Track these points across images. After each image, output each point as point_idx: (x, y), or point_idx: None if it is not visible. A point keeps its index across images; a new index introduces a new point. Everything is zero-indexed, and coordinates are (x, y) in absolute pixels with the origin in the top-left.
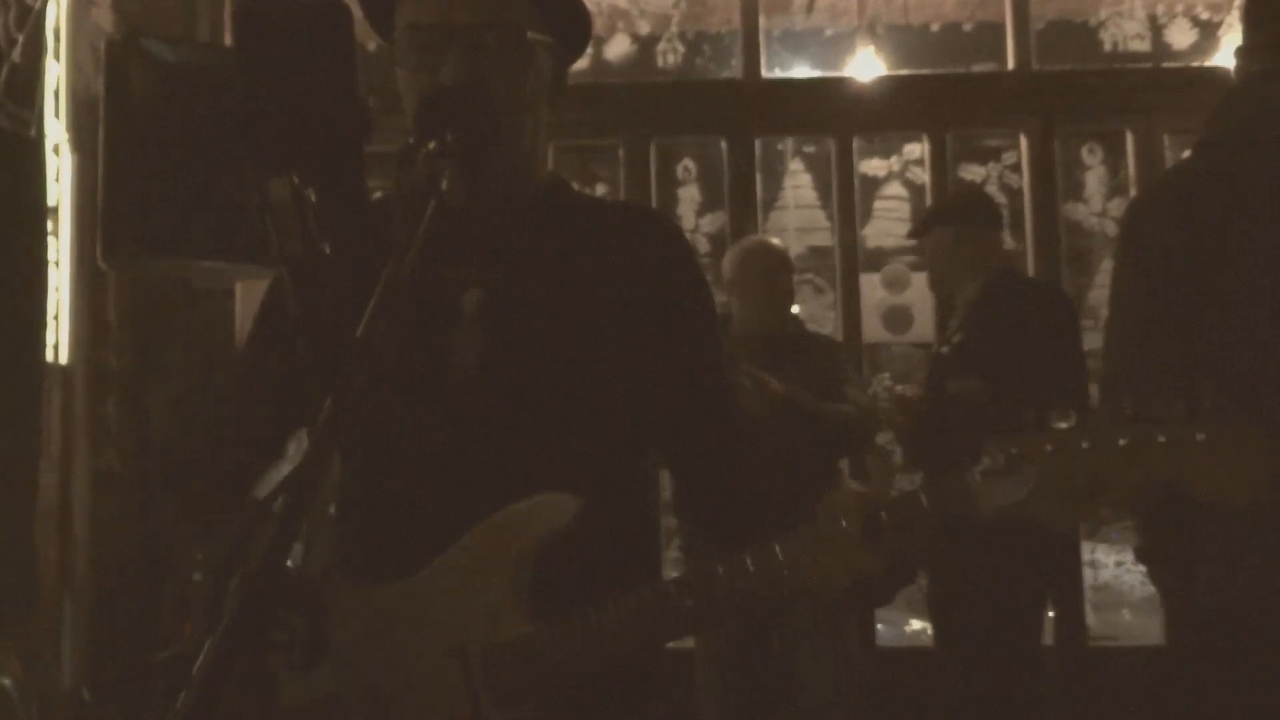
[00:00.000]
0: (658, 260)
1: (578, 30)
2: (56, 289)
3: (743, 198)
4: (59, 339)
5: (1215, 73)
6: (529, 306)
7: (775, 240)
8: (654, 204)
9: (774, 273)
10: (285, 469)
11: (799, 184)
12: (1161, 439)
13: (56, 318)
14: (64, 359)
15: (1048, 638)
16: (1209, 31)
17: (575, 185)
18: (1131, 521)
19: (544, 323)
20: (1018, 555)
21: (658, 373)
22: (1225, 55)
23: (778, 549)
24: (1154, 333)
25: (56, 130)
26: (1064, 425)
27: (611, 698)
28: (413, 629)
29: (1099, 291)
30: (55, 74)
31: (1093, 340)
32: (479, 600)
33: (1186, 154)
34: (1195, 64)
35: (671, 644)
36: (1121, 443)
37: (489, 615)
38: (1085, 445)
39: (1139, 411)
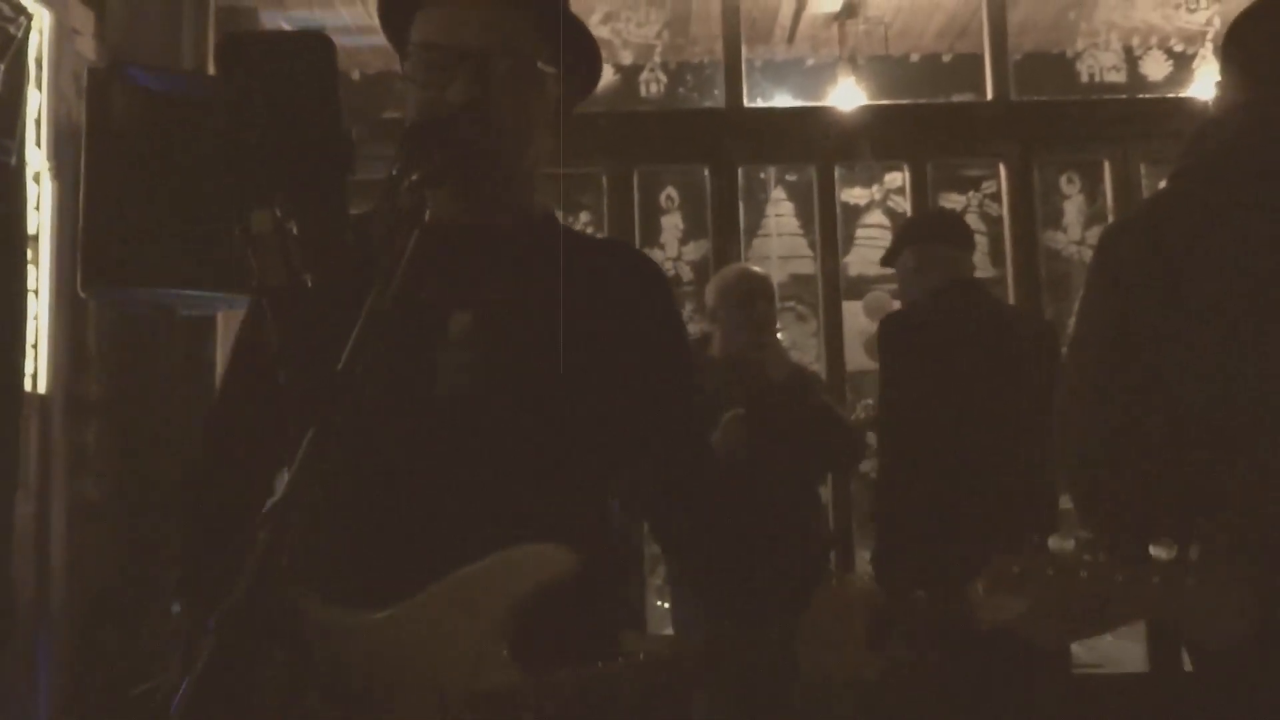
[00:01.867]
0: (639, 297)
1: (586, 65)
2: (35, 317)
3: (726, 226)
4: (38, 367)
5: (1190, 104)
6: (516, 331)
7: (757, 268)
8: (637, 232)
9: (756, 300)
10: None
11: (781, 212)
12: (1156, 579)
13: (35, 346)
14: (43, 388)
15: None
16: (1183, 63)
17: (559, 217)
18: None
19: (531, 348)
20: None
21: (633, 405)
22: (1199, 87)
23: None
24: (1116, 355)
25: (37, 158)
26: (1062, 546)
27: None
28: (392, 665)
29: None
30: (37, 102)
31: None
32: (462, 645)
33: (1163, 184)
34: (1170, 95)
35: None
36: (1119, 578)
37: (471, 662)
38: (1084, 574)
39: (1135, 549)
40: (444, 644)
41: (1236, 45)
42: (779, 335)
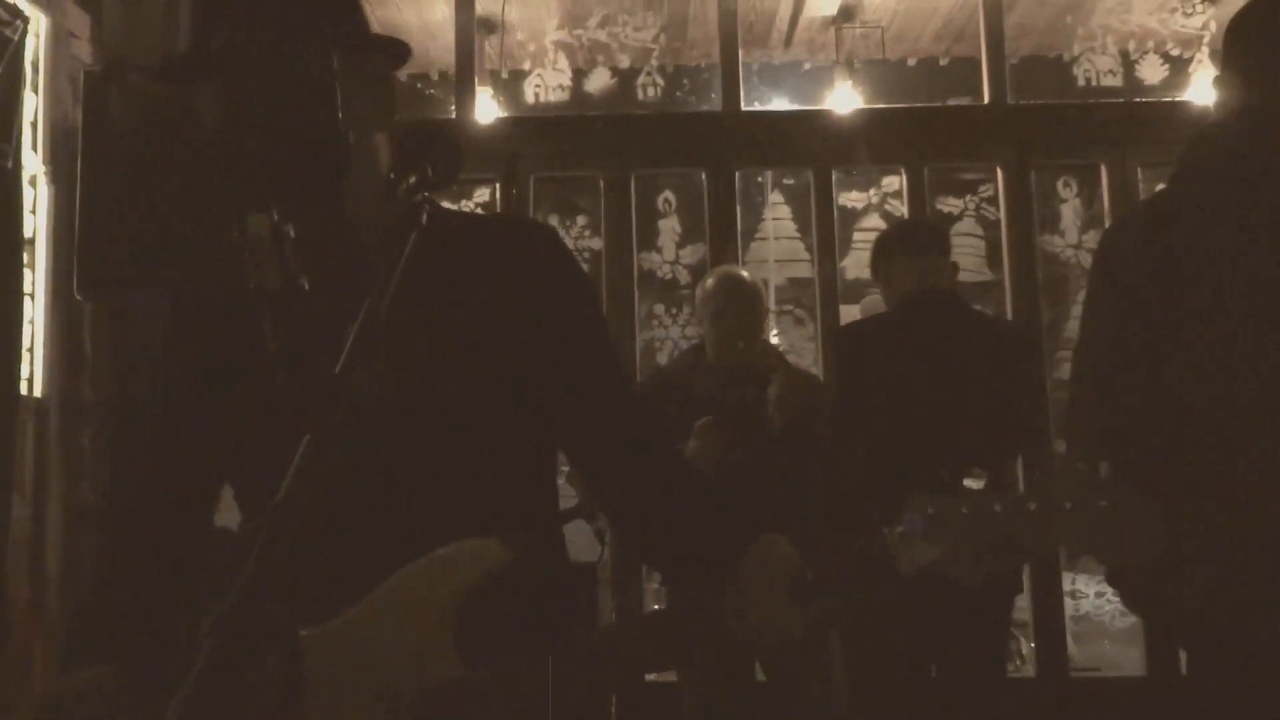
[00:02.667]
0: (538, 265)
1: (388, 48)
2: (31, 321)
3: (723, 229)
4: (34, 371)
5: (1186, 107)
6: (421, 327)
7: (744, 271)
8: (634, 236)
9: (744, 302)
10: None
11: (779, 216)
12: (1068, 505)
13: (31, 350)
14: (39, 391)
15: (1029, 669)
16: (1179, 67)
17: (447, 204)
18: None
19: (438, 341)
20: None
21: (553, 375)
22: (1195, 90)
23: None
24: (1117, 355)
25: (34, 162)
26: (975, 485)
27: None
28: (339, 674)
29: (1076, 323)
30: (33, 105)
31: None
32: (406, 646)
33: (1161, 187)
34: (1167, 99)
35: (653, 676)
36: (1031, 507)
37: (417, 660)
38: (998, 508)
39: (1049, 478)
40: (388, 648)
41: (1234, 46)
42: (775, 338)
